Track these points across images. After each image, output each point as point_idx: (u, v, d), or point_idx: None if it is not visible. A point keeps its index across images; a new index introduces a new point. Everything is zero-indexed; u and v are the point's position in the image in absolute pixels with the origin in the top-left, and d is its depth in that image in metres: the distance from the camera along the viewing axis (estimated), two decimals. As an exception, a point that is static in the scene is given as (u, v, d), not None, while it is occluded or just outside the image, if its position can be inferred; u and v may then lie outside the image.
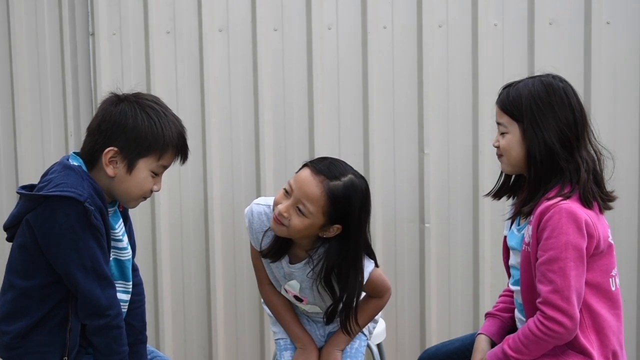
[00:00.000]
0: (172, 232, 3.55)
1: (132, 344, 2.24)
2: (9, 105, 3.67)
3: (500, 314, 2.47)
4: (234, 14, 3.43)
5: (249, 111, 3.44)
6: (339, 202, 2.29)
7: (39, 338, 2.13)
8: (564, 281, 2.12)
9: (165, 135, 2.18)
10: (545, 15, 3.18)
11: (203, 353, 3.59)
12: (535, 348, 2.18)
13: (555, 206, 2.15)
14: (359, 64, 3.34)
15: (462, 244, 3.32)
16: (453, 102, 3.28)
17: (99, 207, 2.09)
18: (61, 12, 3.58)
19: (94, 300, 2.10)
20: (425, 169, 3.31)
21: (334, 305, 2.43)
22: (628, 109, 3.17)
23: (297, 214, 2.29)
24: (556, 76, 2.31)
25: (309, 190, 2.28)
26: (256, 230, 2.46)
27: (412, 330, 3.40)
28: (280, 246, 2.43)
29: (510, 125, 2.27)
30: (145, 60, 3.50)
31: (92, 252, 2.08)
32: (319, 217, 2.30)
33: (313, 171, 2.30)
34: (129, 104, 2.18)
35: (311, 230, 2.33)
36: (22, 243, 2.12)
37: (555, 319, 2.13)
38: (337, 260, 2.35)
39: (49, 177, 2.14)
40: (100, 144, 2.15)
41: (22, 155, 3.66)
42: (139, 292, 2.39)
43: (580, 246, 2.13)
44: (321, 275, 2.37)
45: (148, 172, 2.19)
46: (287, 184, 2.33)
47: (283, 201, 2.32)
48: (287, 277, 2.49)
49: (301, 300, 2.52)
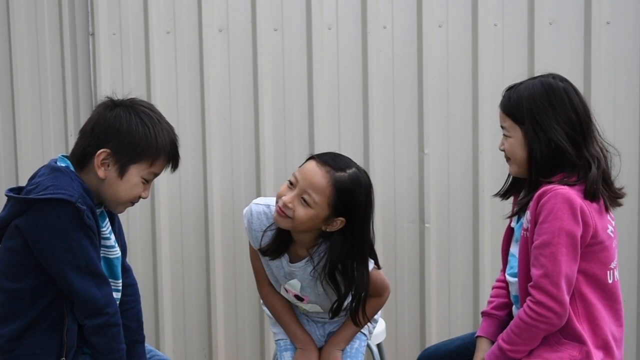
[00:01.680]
0: (172, 232, 3.55)
1: (129, 344, 2.24)
2: (9, 105, 3.66)
3: (496, 313, 2.46)
4: (234, 14, 3.43)
5: (249, 111, 3.44)
6: (345, 193, 2.29)
7: (33, 340, 2.12)
8: (554, 266, 2.13)
9: (159, 142, 2.18)
10: (545, 15, 3.18)
11: (203, 353, 3.59)
12: (528, 336, 2.19)
13: (552, 190, 2.15)
14: (359, 64, 3.34)
15: (462, 244, 3.32)
16: (453, 102, 3.29)
17: (90, 206, 2.09)
18: (61, 12, 3.58)
19: (91, 300, 2.10)
20: (425, 169, 3.31)
21: (340, 300, 2.41)
22: (628, 108, 3.17)
23: (302, 204, 2.29)
24: (557, 76, 2.30)
25: (315, 180, 2.28)
26: (256, 230, 2.46)
27: (412, 330, 3.40)
28: (280, 244, 2.42)
29: (512, 129, 2.28)
30: (145, 60, 3.50)
31: (86, 251, 2.08)
32: (324, 208, 2.29)
33: (319, 162, 2.31)
34: (124, 109, 2.18)
35: (315, 222, 2.32)
36: (11, 246, 2.10)
37: (543, 304, 2.14)
38: (341, 255, 2.35)
39: (37, 180, 2.13)
40: (93, 146, 2.15)
41: (22, 155, 3.66)
42: (133, 293, 2.39)
43: (573, 232, 2.14)
44: (325, 271, 2.37)
45: (139, 179, 2.19)
46: (292, 176, 2.33)
47: (287, 193, 2.32)
48: (288, 276, 2.48)
49: (302, 300, 2.52)
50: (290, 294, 2.52)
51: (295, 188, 2.31)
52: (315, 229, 2.35)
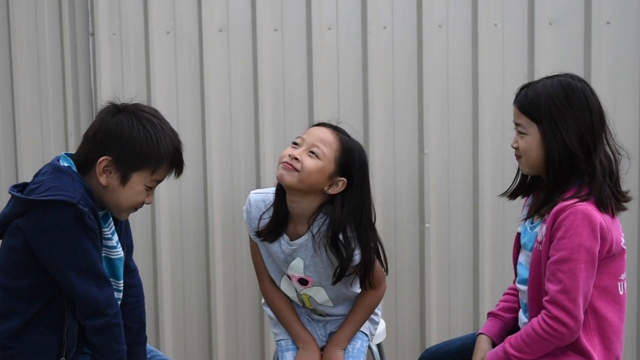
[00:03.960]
0: (172, 233, 3.55)
1: (130, 345, 2.24)
2: (9, 105, 3.66)
3: (502, 314, 2.46)
4: (234, 14, 3.43)
5: (249, 111, 3.44)
6: (350, 152, 2.41)
7: (32, 338, 2.12)
8: (572, 282, 2.12)
9: (161, 150, 2.17)
10: (545, 15, 3.18)
11: (203, 353, 3.59)
12: (537, 347, 2.18)
13: (572, 207, 2.14)
14: (359, 64, 3.34)
15: (462, 244, 3.32)
16: (453, 102, 3.28)
17: (92, 207, 2.09)
18: (61, 12, 3.58)
19: (92, 301, 2.10)
20: (425, 169, 3.31)
21: (342, 265, 2.43)
22: (628, 108, 3.17)
23: (310, 157, 2.37)
24: (574, 76, 2.29)
25: (323, 135, 2.41)
26: (254, 217, 2.50)
27: (412, 330, 3.40)
28: (277, 224, 2.46)
29: (529, 127, 2.25)
30: (145, 60, 3.50)
31: (88, 252, 2.08)
32: (331, 162, 2.38)
33: (324, 126, 2.46)
34: (127, 114, 2.17)
35: (321, 178, 2.37)
36: (12, 245, 2.10)
37: (559, 319, 2.13)
38: (342, 218, 2.39)
39: (40, 178, 2.13)
40: (95, 152, 2.14)
41: (22, 155, 3.66)
42: (137, 294, 2.39)
43: (592, 249, 2.13)
44: (328, 235, 2.40)
45: (142, 186, 2.18)
46: (297, 138, 2.43)
47: (293, 150, 2.40)
48: (289, 258, 2.49)
49: (306, 283, 2.52)
50: (294, 280, 2.52)
51: (302, 146, 2.39)
52: (317, 191, 2.39)
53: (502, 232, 3.25)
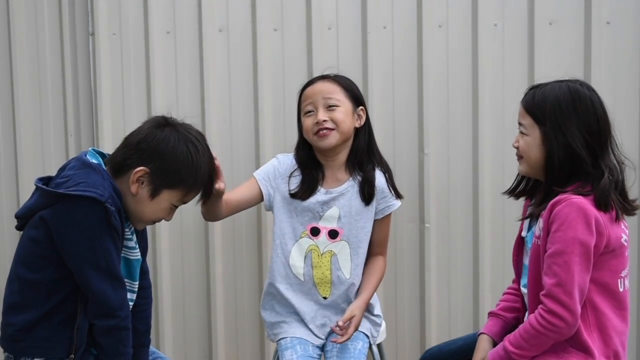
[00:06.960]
0: (172, 233, 3.55)
1: (134, 347, 2.24)
2: (9, 105, 3.66)
3: (503, 314, 2.47)
4: (234, 14, 3.43)
5: (249, 111, 3.44)
6: (349, 83, 2.70)
7: (44, 333, 2.13)
8: (567, 275, 2.13)
9: (198, 175, 2.19)
10: (545, 15, 3.19)
11: (203, 353, 3.59)
12: (536, 343, 2.19)
13: (567, 199, 2.15)
14: (359, 64, 3.34)
15: (462, 244, 3.33)
16: (453, 102, 3.29)
17: (118, 207, 2.09)
18: (61, 12, 3.58)
19: (105, 301, 2.10)
20: (425, 169, 3.31)
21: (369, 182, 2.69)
22: (628, 109, 3.17)
23: (332, 111, 2.62)
24: (584, 83, 2.30)
25: (324, 88, 2.65)
26: (282, 175, 2.68)
27: (412, 330, 3.41)
28: (310, 180, 2.64)
29: (530, 128, 2.27)
30: (145, 60, 3.50)
31: (108, 252, 2.08)
32: (347, 102, 2.66)
33: (313, 82, 2.70)
34: (175, 132, 2.19)
35: (350, 118, 2.65)
36: (34, 237, 2.10)
37: (555, 312, 2.14)
38: (365, 145, 2.70)
39: (67, 173, 2.12)
40: (134, 160, 2.15)
41: (22, 155, 3.66)
42: (146, 296, 2.40)
43: (587, 242, 2.13)
44: (367, 169, 2.69)
45: (169, 204, 2.20)
46: (306, 107, 2.63)
47: (314, 118, 2.60)
48: (325, 207, 2.62)
49: (336, 236, 2.57)
50: (323, 233, 2.57)
51: (317, 109, 2.59)
52: (351, 133, 2.66)
53: (502, 232, 3.25)
